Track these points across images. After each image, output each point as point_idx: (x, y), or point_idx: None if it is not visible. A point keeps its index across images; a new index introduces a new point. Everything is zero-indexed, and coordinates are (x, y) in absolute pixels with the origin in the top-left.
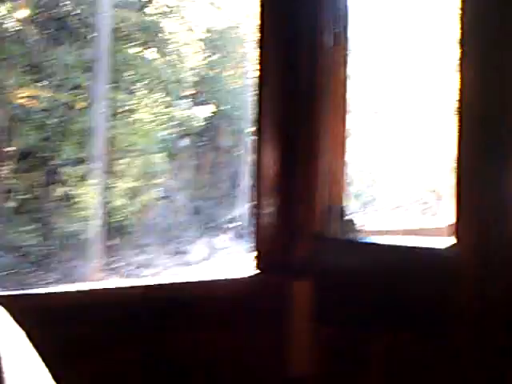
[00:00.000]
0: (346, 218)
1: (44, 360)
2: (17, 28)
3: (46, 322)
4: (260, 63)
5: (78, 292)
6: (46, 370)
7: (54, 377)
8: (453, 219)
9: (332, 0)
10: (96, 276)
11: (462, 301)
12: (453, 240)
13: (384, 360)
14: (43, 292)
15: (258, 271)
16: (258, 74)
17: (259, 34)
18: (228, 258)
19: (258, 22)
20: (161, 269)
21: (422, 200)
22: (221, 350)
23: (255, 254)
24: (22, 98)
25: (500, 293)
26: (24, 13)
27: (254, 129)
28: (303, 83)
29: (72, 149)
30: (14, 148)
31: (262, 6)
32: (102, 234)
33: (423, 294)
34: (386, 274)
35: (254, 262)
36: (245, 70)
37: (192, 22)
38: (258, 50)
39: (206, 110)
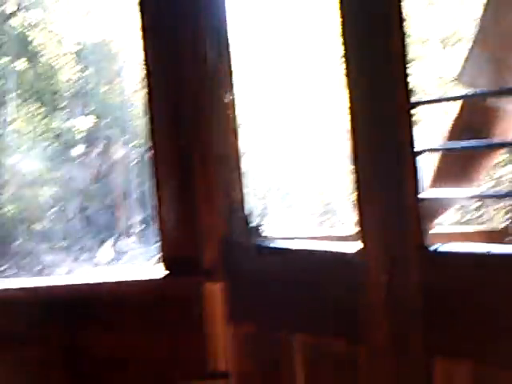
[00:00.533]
0: (252, 224)
1: None
2: None
3: None
4: (147, 84)
5: None
6: None
7: None
8: (356, 223)
9: (213, 15)
10: None
11: (371, 302)
12: (359, 245)
13: (301, 360)
14: None
15: (167, 273)
16: (145, 93)
17: (143, 60)
18: (134, 262)
19: (142, 47)
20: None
21: (324, 209)
22: (132, 351)
23: (161, 257)
24: None
25: (406, 296)
26: None
27: (148, 142)
28: (190, 99)
29: None
30: None
31: (143, 30)
32: None
33: (333, 296)
34: (295, 278)
35: (161, 265)
36: (121, 86)
37: (62, 34)
38: (144, 71)
39: (87, 122)
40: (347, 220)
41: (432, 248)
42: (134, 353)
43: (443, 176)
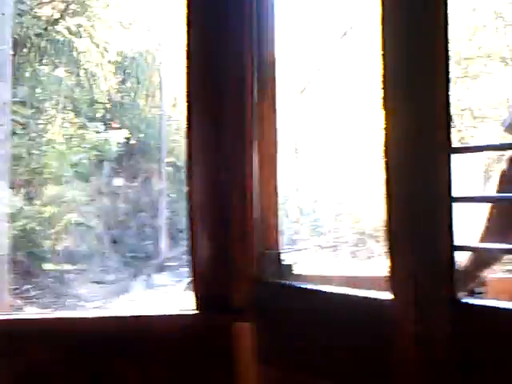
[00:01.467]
0: (284, 263)
1: None
2: None
3: None
4: (188, 114)
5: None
6: None
7: None
8: (387, 273)
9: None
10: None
11: (400, 354)
12: (390, 295)
13: None
14: None
15: (197, 310)
16: (186, 124)
17: (186, 78)
18: (166, 297)
19: (185, 67)
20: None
21: (353, 241)
22: None
23: (193, 294)
24: None
25: (436, 348)
26: None
27: (185, 174)
28: (230, 134)
29: None
30: None
31: (188, 51)
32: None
33: (362, 343)
34: (325, 321)
35: (192, 302)
36: (159, 99)
37: (104, 43)
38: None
39: (121, 136)
40: (382, 252)
41: (464, 301)
42: None
43: (494, 229)
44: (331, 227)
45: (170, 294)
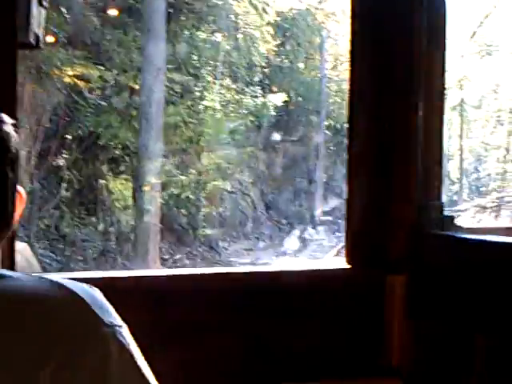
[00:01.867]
0: (445, 214)
1: (139, 344)
2: None
3: (140, 305)
4: (351, 64)
5: (177, 276)
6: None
7: (148, 361)
8: None
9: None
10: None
11: None
12: None
13: (483, 360)
14: (139, 274)
15: (351, 263)
16: (349, 76)
17: (350, 38)
18: (320, 251)
19: (349, 25)
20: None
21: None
22: (314, 340)
23: (347, 247)
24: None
25: None
26: None
27: (346, 129)
28: (398, 84)
29: (129, 136)
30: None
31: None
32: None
33: None
34: (486, 273)
35: (347, 255)
36: (319, 62)
37: (263, 4)
38: (349, 52)
39: (278, 99)
40: None
41: None
42: (313, 340)
43: None
44: (494, 187)
45: (324, 252)
